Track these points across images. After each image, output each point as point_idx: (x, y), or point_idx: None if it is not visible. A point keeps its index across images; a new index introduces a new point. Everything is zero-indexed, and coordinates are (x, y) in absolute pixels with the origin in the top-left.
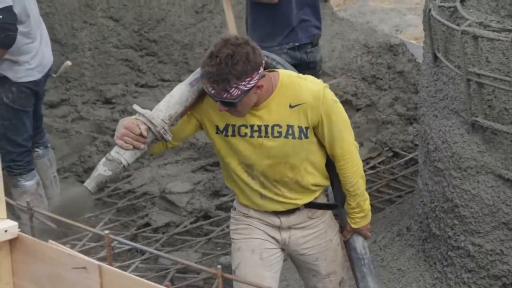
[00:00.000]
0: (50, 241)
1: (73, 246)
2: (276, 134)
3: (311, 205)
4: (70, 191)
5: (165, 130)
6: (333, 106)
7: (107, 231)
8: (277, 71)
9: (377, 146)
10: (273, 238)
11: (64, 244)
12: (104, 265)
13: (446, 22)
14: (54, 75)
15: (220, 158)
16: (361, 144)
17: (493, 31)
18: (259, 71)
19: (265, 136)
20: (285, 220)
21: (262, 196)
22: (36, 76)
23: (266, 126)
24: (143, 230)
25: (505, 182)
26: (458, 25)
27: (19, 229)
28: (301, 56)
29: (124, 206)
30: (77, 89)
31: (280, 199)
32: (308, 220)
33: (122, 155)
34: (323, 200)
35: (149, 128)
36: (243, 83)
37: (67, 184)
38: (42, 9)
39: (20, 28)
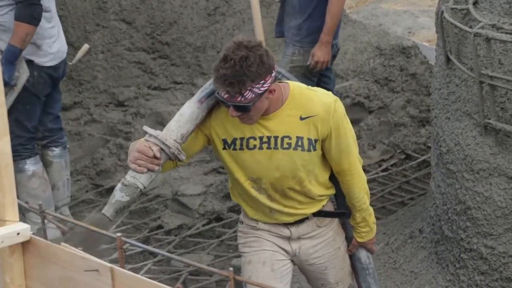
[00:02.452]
0: (62, 243)
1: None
2: (285, 145)
3: (319, 214)
4: (89, 219)
5: (179, 150)
6: (342, 120)
7: (119, 234)
8: (286, 83)
9: (389, 149)
10: (283, 249)
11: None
12: (116, 267)
13: (458, 24)
14: (70, 63)
15: (229, 174)
16: (373, 147)
17: (506, 33)
18: (272, 74)
19: (274, 148)
20: (294, 231)
21: (272, 210)
22: (56, 61)
23: (276, 137)
24: (155, 233)
25: None
26: (470, 27)
27: (32, 232)
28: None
29: (136, 208)
30: (89, 92)
31: (290, 210)
32: (317, 228)
33: (138, 179)
34: (330, 208)
35: (162, 149)
36: (257, 85)
37: (80, 187)
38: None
39: (43, 13)
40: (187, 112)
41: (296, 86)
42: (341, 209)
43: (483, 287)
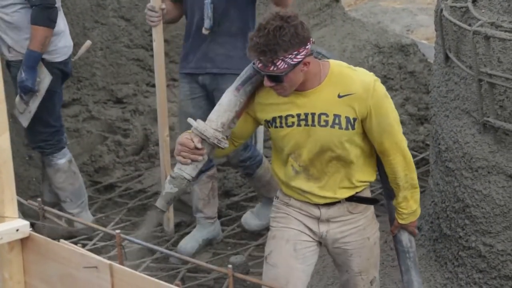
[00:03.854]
0: (61, 240)
1: (83, 246)
2: (322, 123)
3: (352, 199)
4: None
5: (219, 140)
6: (383, 100)
7: (118, 231)
8: (327, 61)
9: None
10: (311, 230)
11: (75, 243)
12: (115, 264)
13: (457, 22)
14: (73, 59)
15: (274, 151)
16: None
17: (505, 31)
18: (307, 47)
19: (311, 125)
20: (325, 212)
21: (304, 191)
22: (65, 56)
23: (313, 114)
24: (154, 230)
25: None
26: (469, 25)
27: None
28: None
29: (135, 205)
30: (88, 89)
31: (322, 193)
32: (348, 214)
33: (184, 170)
34: (366, 194)
35: (203, 140)
36: (290, 56)
37: None
38: None
39: None
40: (225, 101)
41: (336, 64)
42: (385, 190)
43: (482, 285)
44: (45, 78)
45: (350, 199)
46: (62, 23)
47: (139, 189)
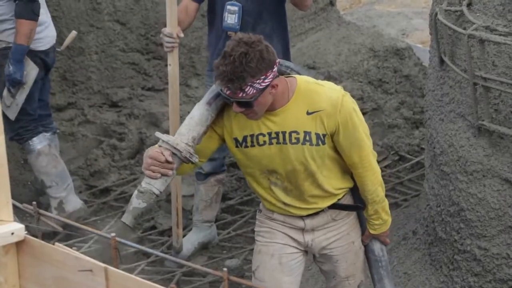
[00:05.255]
0: (56, 243)
1: (78, 249)
2: (294, 140)
3: (335, 206)
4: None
5: (191, 154)
6: (351, 114)
7: (113, 234)
8: (294, 77)
9: (383, 150)
10: (296, 241)
11: (70, 246)
12: (110, 267)
13: (452, 26)
14: (59, 49)
15: (243, 170)
16: None
17: (500, 35)
18: (274, 69)
19: (283, 143)
20: (309, 222)
21: (286, 204)
22: (48, 45)
23: (284, 133)
24: (149, 233)
25: (511, 185)
26: (464, 29)
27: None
28: None
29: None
30: (83, 93)
31: (303, 205)
32: (332, 221)
33: (153, 185)
34: (348, 201)
35: (173, 154)
36: (258, 81)
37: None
38: (49, 12)
39: None
40: (197, 115)
41: (303, 81)
42: (357, 202)
43: None
44: (31, 70)
45: (333, 206)
46: (45, 14)
47: None
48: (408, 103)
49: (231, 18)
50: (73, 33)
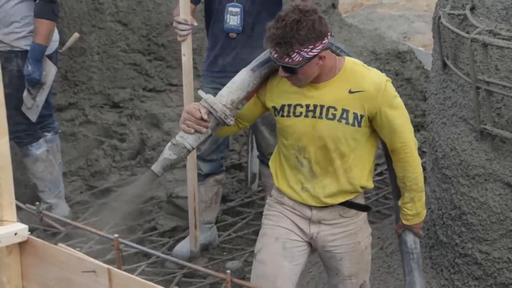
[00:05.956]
0: (59, 244)
1: (79, 249)
2: (330, 116)
3: (344, 203)
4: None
5: (226, 115)
6: (393, 100)
7: (116, 235)
8: (343, 57)
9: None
10: (301, 230)
11: (72, 247)
12: (113, 268)
13: (455, 30)
14: (60, 51)
15: (278, 141)
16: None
17: (503, 39)
18: (323, 41)
19: (319, 117)
20: (316, 214)
21: (303, 188)
22: (51, 50)
23: (322, 107)
24: (149, 234)
25: None
26: (467, 32)
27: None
28: None
29: (130, 210)
30: (85, 93)
31: (320, 195)
32: (339, 218)
33: (185, 139)
34: (360, 201)
35: (210, 113)
36: (305, 49)
37: (74, 188)
38: None
39: None
40: (239, 80)
41: (351, 61)
42: (393, 189)
43: None
44: (50, 71)
45: (343, 203)
46: None
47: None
48: (409, 106)
49: (233, 19)
50: (76, 35)
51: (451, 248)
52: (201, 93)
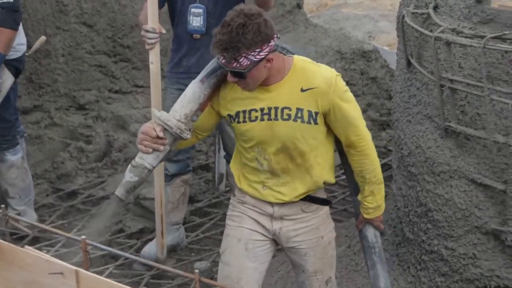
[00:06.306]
0: (26, 246)
1: (46, 252)
2: (285, 116)
3: (305, 198)
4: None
5: (181, 130)
6: (344, 94)
7: (83, 236)
8: (291, 56)
9: None
10: (264, 227)
11: (39, 249)
12: (81, 270)
13: (419, 29)
14: (27, 54)
15: (237, 144)
16: (334, 150)
17: (466, 37)
18: (270, 44)
19: (274, 119)
20: (277, 210)
21: (264, 186)
22: (20, 53)
23: (276, 108)
24: (117, 236)
25: (477, 186)
26: (431, 31)
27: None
28: None
29: (98, 212)
30: (50, 95)
31: (281, 192)
32: (301, 213)
33: (145, 159)
34: (321, 195)
35: (165, 129)
36: (252, 53)
37: (40, 191)
38: None
39: None
40: (189, 92)
41: (300, 59)
42: (352, 186)
43: None
44: (7, 79)
45: (304, 198)
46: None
47: (102, 196)
48: (375, 105)
49: (196, 20)
50: (42, 38)
51: (418, 245)
52: (154, 111)
